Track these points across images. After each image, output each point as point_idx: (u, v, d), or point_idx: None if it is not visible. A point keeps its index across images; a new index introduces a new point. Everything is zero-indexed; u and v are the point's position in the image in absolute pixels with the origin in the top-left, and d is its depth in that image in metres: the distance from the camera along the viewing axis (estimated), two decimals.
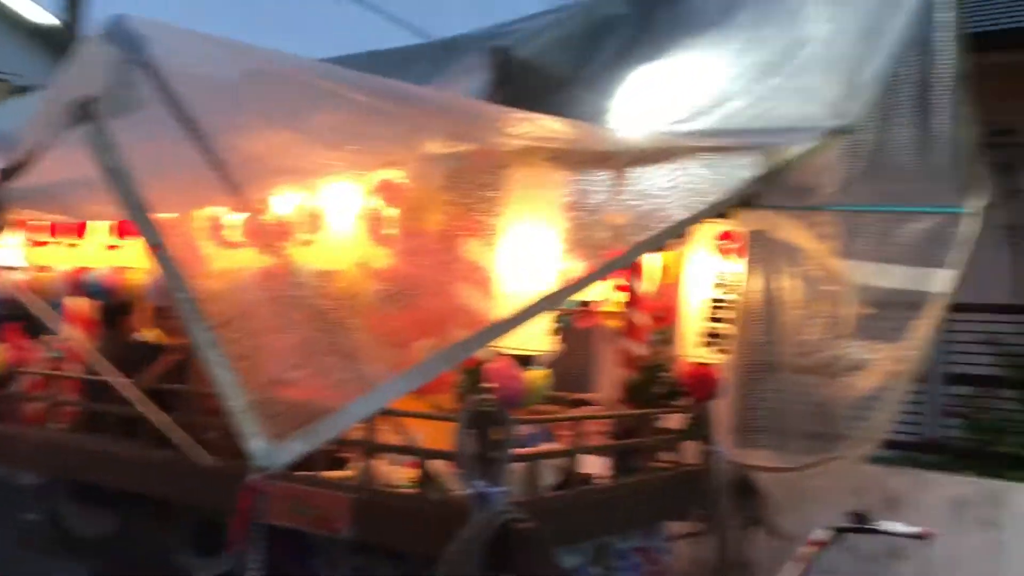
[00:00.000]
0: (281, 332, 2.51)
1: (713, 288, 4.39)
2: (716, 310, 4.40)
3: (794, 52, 3.65)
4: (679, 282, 4.48)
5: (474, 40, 4.01)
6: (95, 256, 4.66)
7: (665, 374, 4.49)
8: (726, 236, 4.40)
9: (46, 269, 4.80)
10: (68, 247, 4.79)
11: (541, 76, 3.69)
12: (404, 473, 3.64)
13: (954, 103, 4.19)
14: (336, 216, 3.46)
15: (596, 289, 4.35)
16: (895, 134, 4.34)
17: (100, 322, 5.03)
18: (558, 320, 3.63)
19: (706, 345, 4.40)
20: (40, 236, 4.83)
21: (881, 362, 4.71)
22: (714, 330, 4.40)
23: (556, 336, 3.57)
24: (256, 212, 2.96)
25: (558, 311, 3.52)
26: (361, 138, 2.70)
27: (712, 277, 4.40)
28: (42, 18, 13.41)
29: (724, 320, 4.42)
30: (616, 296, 4.60)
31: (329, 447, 3.66)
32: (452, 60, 3.91)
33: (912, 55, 4.03)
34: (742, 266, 4.51)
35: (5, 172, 3.08)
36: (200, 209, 3.36)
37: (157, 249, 2.19)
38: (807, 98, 3.43)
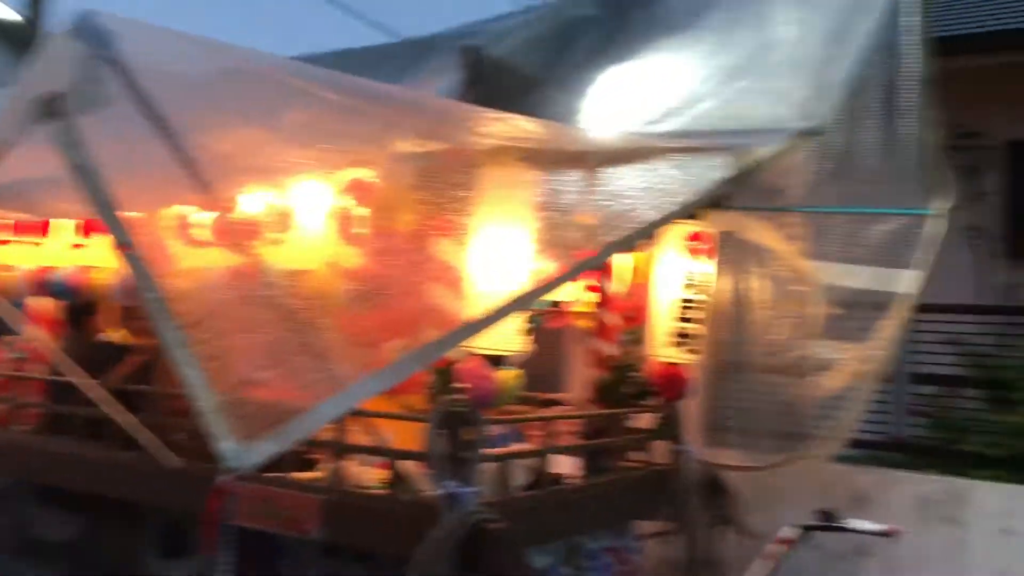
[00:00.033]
0: (251, 332, 2.48)
1: (683, 288, 4.42)
2: (686, 310, 4.42)
3: (763, 54, 3.68)
4: (649, 282, 4.49)
5: (445, 39, 4.00)
6: (60, 255, 4.58)
7: (635, 374, 4.51)
8: (696, 237, 4.42)
9: (9, 268, 4.72)
10: (32, 246, 4.72)
11: (513, 76, 3.69)
12: (374, 474, 3.62)
13: (920, 106, 4.25)
14: (306, 215, 3.43)
15: (567, 289, 4.35)
16: (862, 136, 4.39)
17: (65, 322, 4.96)
18: (529, 320, 3.63)
19: (676, 345, 4.43)
20: (3, 235, 4.75)
21: (848, 362, 4.76)
22: (684, 330, 4.42)
23: (527, 336, 3.57)
24: (225, 211, 2.93)
25: (529, 311, 3.52)
26: (332, 136, 2.68)
27: (682, 277, 4.42)
28: (4, 14, 13.20)
29: (694, 320, 4.44)
30: (587, 296, 4.61)
31: (298, 448, 3.64)
32: (423, 59, 3.90)
33: (879, 58, 4.07)
34: (712, 267, 4.54)
35: None
36: (168, 208, 3.32)
37: (126, 248, 2.16)
38: (776, 100, 3.46)
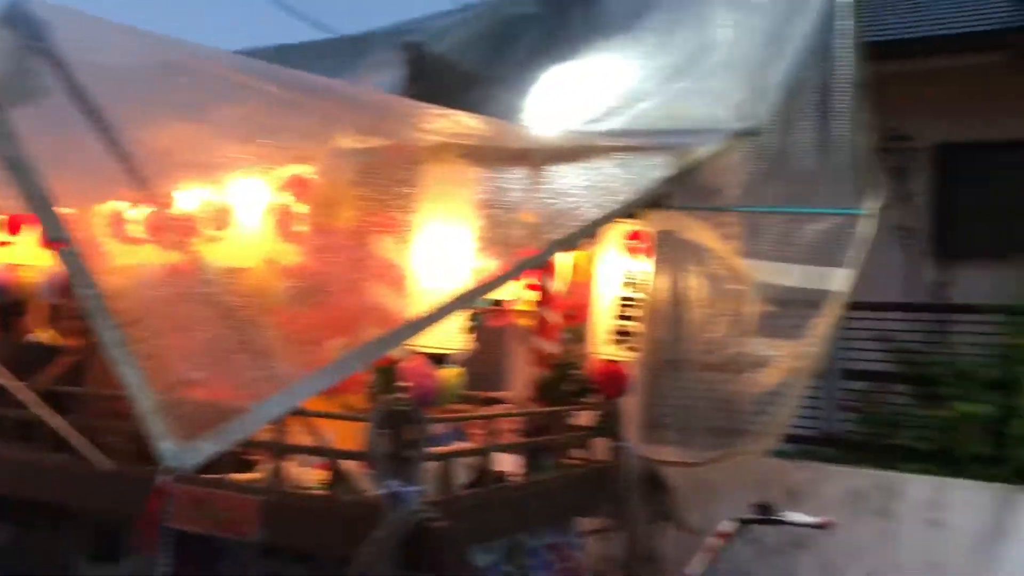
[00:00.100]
0: (189, 331, 2.43)
1: (622, 287, 4.45)
2: (625, 308, 4.45)
3: (702, 56, 3.72)
4: (590, 281, 4.52)
5: (386, 36, 3.96)
6: None
7: (576, 372, 4.53)
8: (635, 236, 4.46)
9: None
10: None
11: (455, 73, 3.68)
12: (315, 474, 3.58)
13: (853, 109, 4.34)
14: (244, 212, 3.38)
15: (508, 288, 4.36)
16: (796, 137, 4.48)
17: None
18: (471, 319, 3.62)
19: (616, 343, 4.46)
20: None
21: (782, 359, 4.85)
22: (623, 328, 4.45)
23: (469, 335, 3.57)
24: (161, 207, 2.87)
25: (471, 310, 3.51)
26: (272, 131, 2.64)
27: (621, 276, 4.45)
28: None
29: (633, 318, 4.48)
30: (528, 295, 4.62)
31: (237, 449, 3.58)
32: (363, 55, 3.86)
33: (814, 61, 4.16)
34: (650, 265, 4.59)
35: None
36: (102, 204, 3.23)
37: (62, 244, 2.10)
38: (714, 100, 3.51)
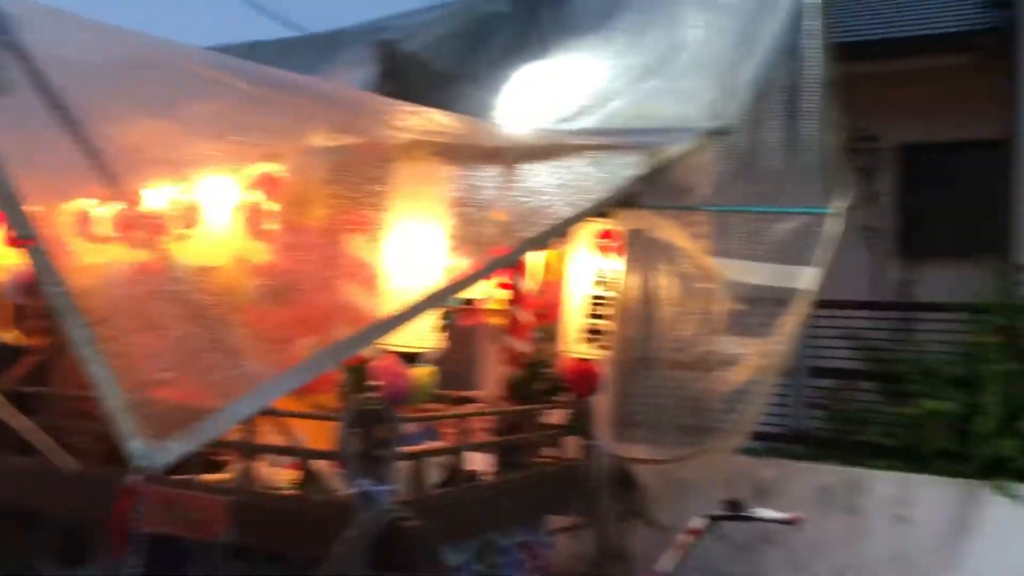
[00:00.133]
0: (158, 329, 2.41)
1: (594, 286, 4.47)
2: (597, 307, 4.47)
3: (673, 55, 3.74)
4: (561, 280, 4.53)
5: (358, 34, 3.94)
6: None
7: (548, 370, 4.54)
8: (606, 235, 4.48)
9: None
10: None
11: (427, 71, 3.67)
12: (285, 474, 3.55)
13: (821, 109, 4.39)
14: (214, 210, 3.35)
15: (480, 287, 4.35)
16: (765, 137, 4.51)
17: None
18: (443, 317, 3.61)
19: (587, 341, 4.47)
20: None
21: (751, 357, 4.89)
22: (595, 327, 4.47)
23: (441, 333, 3.56)
24: (130, 205, 2.83)
25: (443, 308, 3.50)
26: (243, 128, 2.61)
27: (593, 275, 4.47)
28: None
29: (604, 317, 4.50)
30: (499, 294, 4.61)
31: (206, 449, 3.55)
32: (335, 53, 3.84)
33: (783, 61, 4.19)
34: (621, 264, 4.60)
35: None
36: (68, 202, 3.19)
37: (29, 241, 2.06)
38: (685, 100, 3.53)
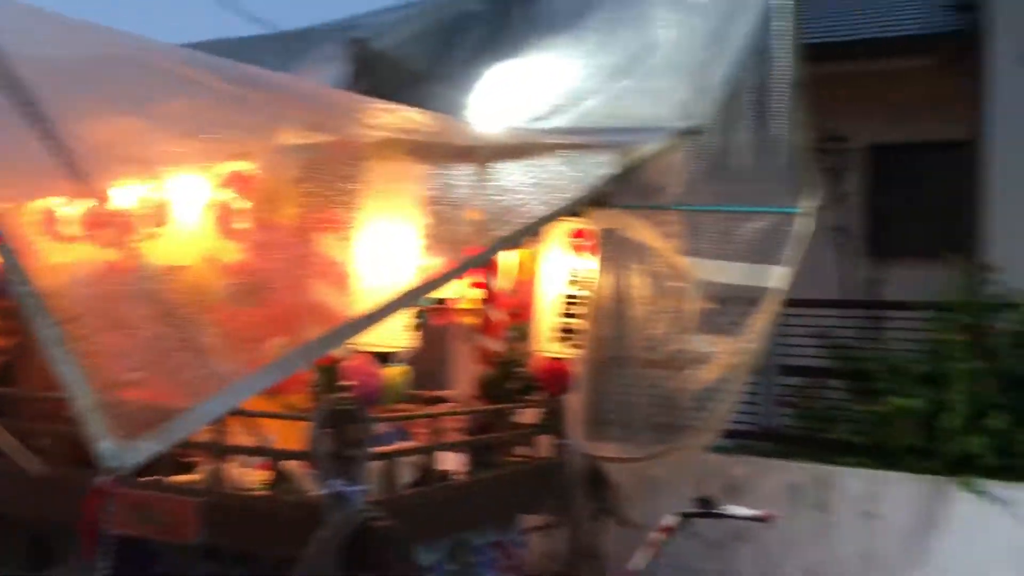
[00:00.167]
0: (128, 329, 2.38)
1: (567, 285, 4.48)
2: (569, 306, 4.48)
3: (644, 54, 3.75)
4: (534, 279, 4.53)
5: (328, 32, 3.92)
6: None
7: (520, 369, 4.54)
8: (579, 234, 4.49)
9: None
10: None
11: (399, 69, 3.66)
12: (256, 475, 3.53)
13: (790, 109, 4.43)
14: (184, 208, 3.32)
15: (453, 286, 4.35)
16: (736, 137, 4.54)
17: None
18: (416, 316, 3.61)
19: (560, 340, 4.48)
20: None
21: (722, 355, 4.92)
22: (568, 325, 4.48)
23: (414, 333, 3.55)
24: (98, 203, 2.79)
25: (416, 308, 3.49)
26: (215, 126, 2.59)
27: (566, 274, 4.48)
28: None
29: (577, 316, 4.51)
30: (472, 293, 4.61)
31: (175, 450, 3.52)
32: (306, 51, 3.81)
33: (753, 62, 4.22)
34: (594, 263, 4.62)
35: None
36: (34, 201, 3.14)
37: None
38: (657, 99, 3.54)
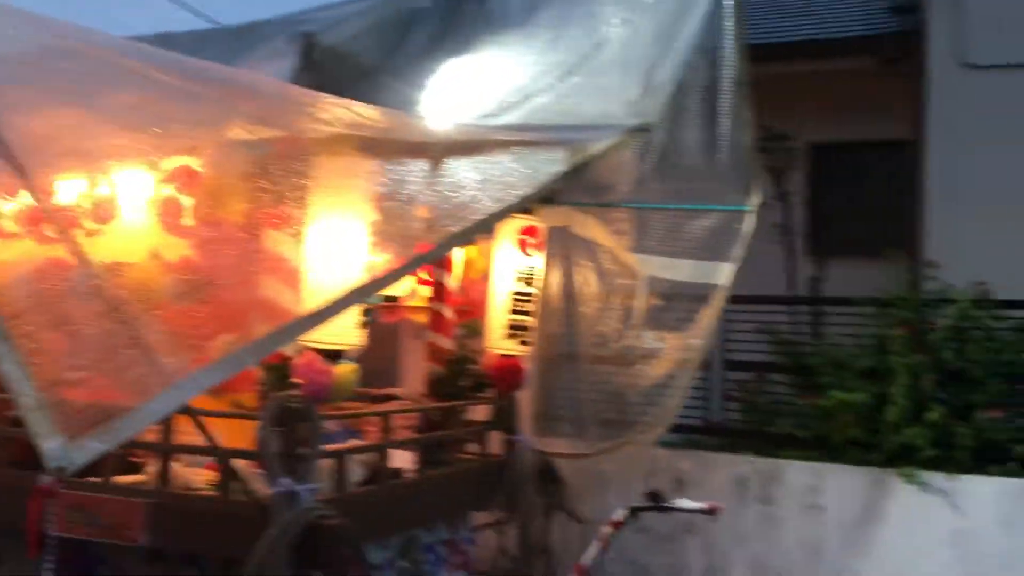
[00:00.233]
0: (72, 326, 2.33)
1: (517, 282, 4.48)
2: (520, 303, 4.49)
3: (594, 52, 3.78)
4: (486, 276, 4.54)
5: (276, 26, 3.87)
6: None
7: (472, 367, 4.54)
8: (528, 231, 4.50)
9: None
10: None
11: (350, 64, 3.63)
12: (204, 475, 3.48)
13: (736, 108, 4.49)
14: (129, 204, 3.26)
15: (403, 283, 4.33)
16: (684, 135, 4.60)
17: None
18: (364, 314, 3.58)
19: (510, 337, 4.49)
20: None
21: (670, 351, 4.98)
22: (518, 323, 4.49)
23: (363, 330, 3.52)
24: (39, 199, 2.73)
25: (365, 304, 3.47)
26: (161, 120, 2.54)
27: (516, 271, 4.49)
28: None
29: (528, 313, 4.52)
30: (422, 290, 4.60)
31: (121, 449, 3.45)
32: (252, 45, 3.76)
33: (700, 61, 4.28)
34: (543, 260, 4.63)
35: None
36: None
37: None
38: (607, 97, 3.56)
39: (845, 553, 5.41)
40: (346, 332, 3.36)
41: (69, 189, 3.09)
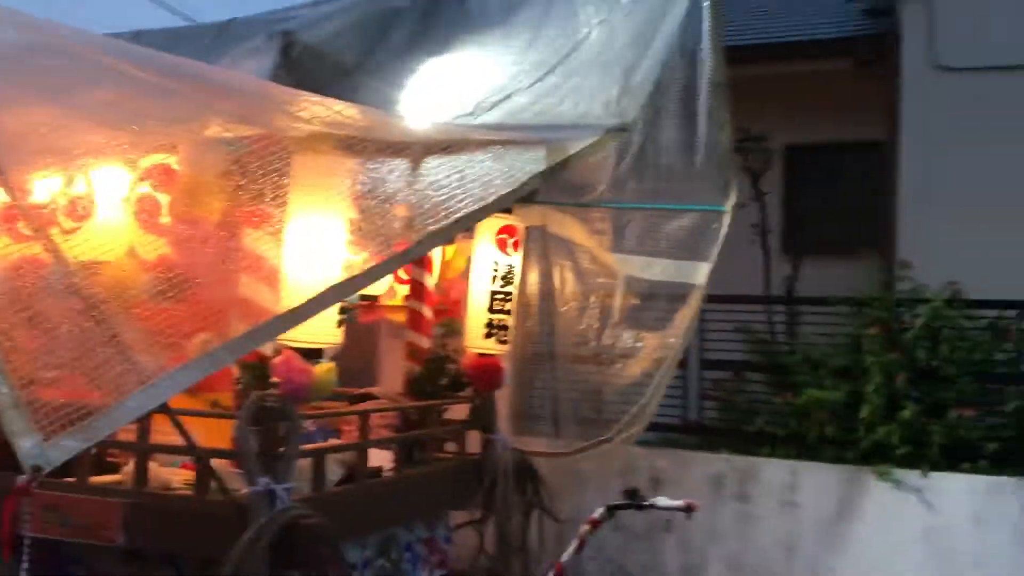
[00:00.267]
0: (48, 325, 2.31)
1: (495, 281, 4.49)
2: (498, 302, 4.50)
3: (573, 52, 3.79)
4: (465, 275, 4.54)
5: (257, 23, 3.86)
6: None
7: (450, 366, 4.55)
8: (507, 230, 4.51)
9: None
10: None
11: (329, 62, 3.62)
12: (181, 474, 3.46)
13: (714, 109, 4.52)
14: (105, 202, 3.23)
15: (382, 282, 4.33)
16: (661, 136, 4.62)
17: None
18: (342, 313, 3.58)
19: (489, 336, 4.50)
20: None
21: (648, 350, 5.01)
22: (497, 322, 4.50)
23: (342, 329, 3.52)
24: (15, 196, 2.71)
25: (343, 304, 3.47)
26: (139, 118, 2.52)
27: (494, 270, 4.50)
28: None
29: (506, 312, 4.53)
30: (400, 289, 4.60)
31: (97, 449, 3.44)
32: (230, 44, 3.74)
33: (679, 62, 4.30)
34: (521, 259, 4.65)
35: None
36: None
37: None
38: (585, 97, 3.58)
39: (820, 550, 5.46)
40: (324, 331, 3.36)
41: (45, 187, 3.06)
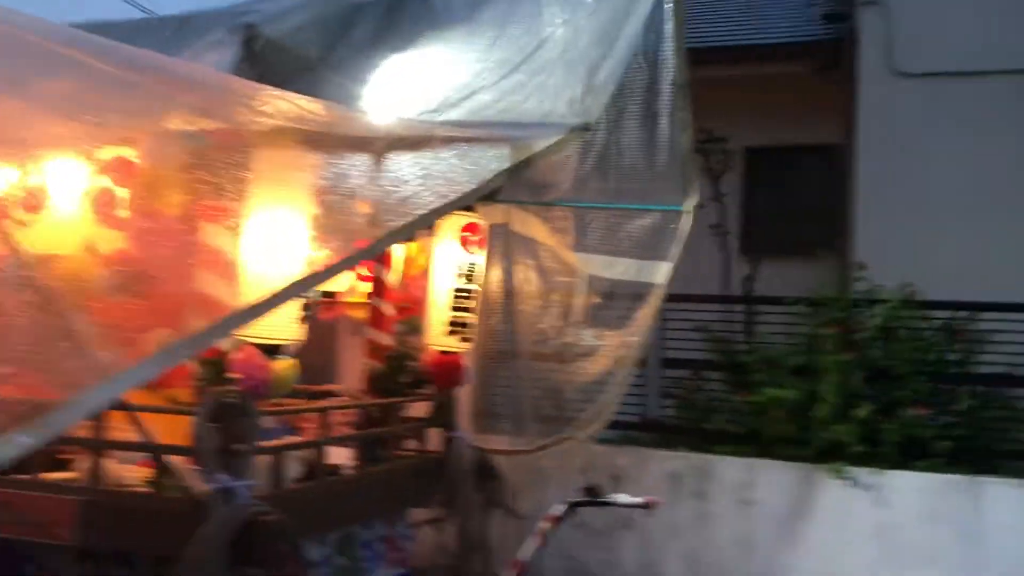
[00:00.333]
0: (2, 318, 2.27)
1: (458, 279, 4.49)
2: (460, 300, 4.50)
3: (537, 51, 3.80)
4: (426, 272, 4.53)
5: (218, 16, 3.81)
6: None
7: (411, 363, 4.54)
8: (469, 228, 4.51)
9: None
10: None
11: (292, 57, 3.60)
12: (138, 471, 3.42)
13: (675, 110, 4.56)
14: (61, 195, 3.18)
15: (342, 278, 4.31)
16: (624, 136, 4.66)
17: None
18: (304, 309, 3.56)
19: (451, 334, 4.49)
20: None
21: (608, 348, 5.04)
22: (458, 319, 4.50)
23: (302, 325, 3.50)
24: None
25: (304, 300, 3.45)
26: (97, 109, 2.48)
27: (456, 268, 4.50)
28: None
29: (468, 310, 4.53)
30: (361, 286, 4.58)
31: (51, 446, 3.38)
32: (189, 37, 3.69)
33: (641, 62, 4.34)
34: (484, 257, 4.65)
35: None
36: None
37: None
38: (550, 95, 3.59)
39: (776, 547, 5.53)
40: (285, 327, 3.33)
41: (0, 178, 3.01)
